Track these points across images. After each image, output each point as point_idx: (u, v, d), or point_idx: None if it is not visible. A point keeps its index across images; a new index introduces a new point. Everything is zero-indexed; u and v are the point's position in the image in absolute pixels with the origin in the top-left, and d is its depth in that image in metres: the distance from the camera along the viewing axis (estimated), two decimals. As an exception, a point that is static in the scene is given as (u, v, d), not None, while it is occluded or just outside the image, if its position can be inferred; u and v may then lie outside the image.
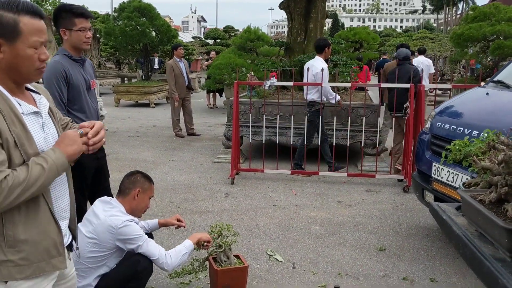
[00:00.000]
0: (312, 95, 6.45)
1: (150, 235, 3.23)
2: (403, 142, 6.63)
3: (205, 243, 3.09)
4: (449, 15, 58.94)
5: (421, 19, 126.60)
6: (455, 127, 3.93)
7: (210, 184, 6.19)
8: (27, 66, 1.66)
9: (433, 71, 14.78)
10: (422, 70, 7.04)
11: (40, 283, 1.71)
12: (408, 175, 6.02)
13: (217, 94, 14.62)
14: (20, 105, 1.66)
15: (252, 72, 7.40)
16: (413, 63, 8.57)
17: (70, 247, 1.95)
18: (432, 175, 4.10)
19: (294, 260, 3.97)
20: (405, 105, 6.23)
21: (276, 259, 3.98)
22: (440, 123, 4.18)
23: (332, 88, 6.55)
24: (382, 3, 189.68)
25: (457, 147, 2.63)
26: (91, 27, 3.40)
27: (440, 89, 7.94)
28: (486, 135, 2.53)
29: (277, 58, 8.58)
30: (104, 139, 1.85)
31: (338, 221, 4.92)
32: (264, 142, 6.64)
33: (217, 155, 7.60)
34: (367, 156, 7.05)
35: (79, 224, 2.88)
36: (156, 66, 17.63)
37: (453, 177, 3.83)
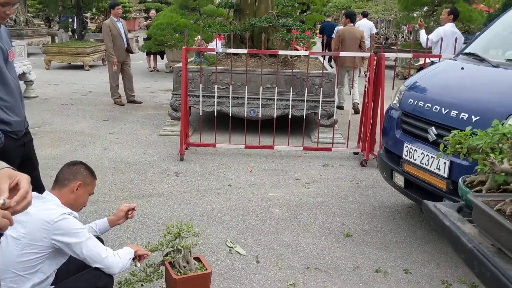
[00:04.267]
0: None
1: (99, 239, 2.73)
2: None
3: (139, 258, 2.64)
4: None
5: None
6: (430, 105, 3.63)
7: (157, 161, 5.65)
8: None
9: (375, 31, 14.84)
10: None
11: None
12: (366, 149, 5.78)
13: (158, 56, 13.75)
14: None
15: (200, 36, 6.78)
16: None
17: None
18: (404, 156, 3.81)
19: (257, 252, 3.60)
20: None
21: (238, 252, 3.59)
22: (412, 100, 3.86)
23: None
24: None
25: (457, 139, 2.30)
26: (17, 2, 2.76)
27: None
28: (493, 126, 2.21)
29: (226, 21, 7.96)
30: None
31: (299, 201, 4.59)
32: (216, 114, 6.12)
33: (163, 127, 7.01)
34: (320, 127, 6.73)
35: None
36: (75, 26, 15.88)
37: (428, 160, 3.55)
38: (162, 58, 13.88)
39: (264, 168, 5.51)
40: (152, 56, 13.57)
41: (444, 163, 3.38)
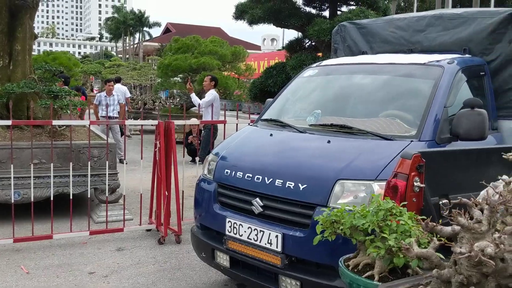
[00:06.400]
0: None
1: None
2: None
3: None
4: (127, 44, 61.37)
5: (99, 46, 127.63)
6: (250, 175, 3.40)
7: None
8: None
9: (130, 95, 14.70)
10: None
11: None
12: (164, 224, 5.26)
13: None
14: None
15: None
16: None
17: None
18: (227, 232, 3.46)
19: None
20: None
21: None
22: (228, 170, 3.59)
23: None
24: (58, 28, 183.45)
25: (332, 218, 2.06)
26: None
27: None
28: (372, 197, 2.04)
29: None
30: None
31: (102, 303, 3.75)
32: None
33: None
34: (103, 204, 5.93)
35: None
36: None
37: (256, 235, 3.27)
38: None
39: (45, 266, 4.43)
40: None
41: (276, 236, 3.16)
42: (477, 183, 2.37)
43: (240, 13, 12.46)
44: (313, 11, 12.58)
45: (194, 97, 8.75)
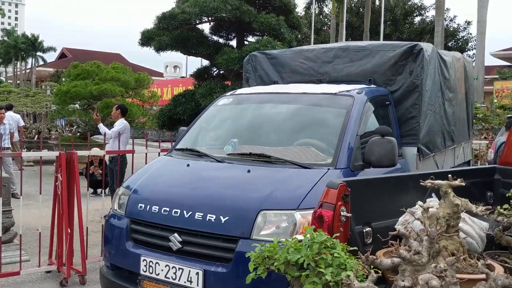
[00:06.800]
0: None
1: None
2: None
3: None
4: (18, 69, 57.74)
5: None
6: (167, 208, 3.22)
7: None
8: None
9: (23, 124, 13.50)
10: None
11: None
12: (67, 264, 4.81)
13: None
14: None
15: None
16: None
17: None
18: (142, 272, 3.22)
19: None
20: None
21: None
22: (142, 205, 3.37)
23: None
24: None
25: (265, 254, 1.96)
26: None
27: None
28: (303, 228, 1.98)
29: None
30: None
31: None
32: None
33: None
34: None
35: None
36: None
37: (175, 273, 3.08)
38: None
39: None
40: None
41: (197, 273, 3.00)
42: (397, 210, 2.44)
43: (146, 40, 12.21)
44: (221, 40, 12.73)
45: (101, 127, 8.41)
